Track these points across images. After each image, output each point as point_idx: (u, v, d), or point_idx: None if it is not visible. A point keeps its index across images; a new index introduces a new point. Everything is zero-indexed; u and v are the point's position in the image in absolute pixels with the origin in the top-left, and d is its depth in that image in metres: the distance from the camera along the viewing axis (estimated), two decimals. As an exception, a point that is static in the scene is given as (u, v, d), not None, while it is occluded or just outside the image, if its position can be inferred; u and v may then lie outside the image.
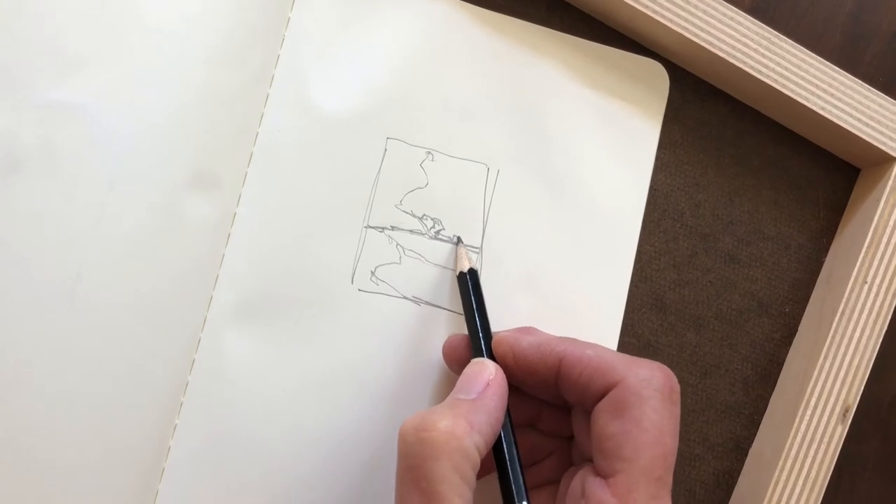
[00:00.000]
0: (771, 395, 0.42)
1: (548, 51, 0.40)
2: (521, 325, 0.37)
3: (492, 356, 0.35)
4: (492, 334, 0.36)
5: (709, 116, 0.42)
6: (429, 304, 0.39)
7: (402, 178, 0.39)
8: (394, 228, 0.39)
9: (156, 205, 0.37)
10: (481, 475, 0.31)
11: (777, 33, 0.39)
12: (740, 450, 0.41)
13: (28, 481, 0.35)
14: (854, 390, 0.39)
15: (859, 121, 0.40)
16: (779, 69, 0.39)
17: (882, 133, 0.40)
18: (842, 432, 0.39)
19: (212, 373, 0.37)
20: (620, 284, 0.40)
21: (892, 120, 0.40)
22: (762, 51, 0.39)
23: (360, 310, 0.38)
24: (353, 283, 0.38)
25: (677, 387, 0.32)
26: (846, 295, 0.39)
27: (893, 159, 0.40)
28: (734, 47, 0.39)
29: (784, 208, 0.42)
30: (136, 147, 0.37)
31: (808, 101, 0.39)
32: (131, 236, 0.36)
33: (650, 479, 0.30)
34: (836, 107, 0.39)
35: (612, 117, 0.41)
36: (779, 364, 0.42)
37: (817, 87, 0.39)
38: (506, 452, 0.33)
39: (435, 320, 0.39)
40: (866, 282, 0.39)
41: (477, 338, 0.36)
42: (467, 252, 0.39)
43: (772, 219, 0.42)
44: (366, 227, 0.39)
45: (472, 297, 0.37)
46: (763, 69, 0.39)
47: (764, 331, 0.42)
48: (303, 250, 0.38)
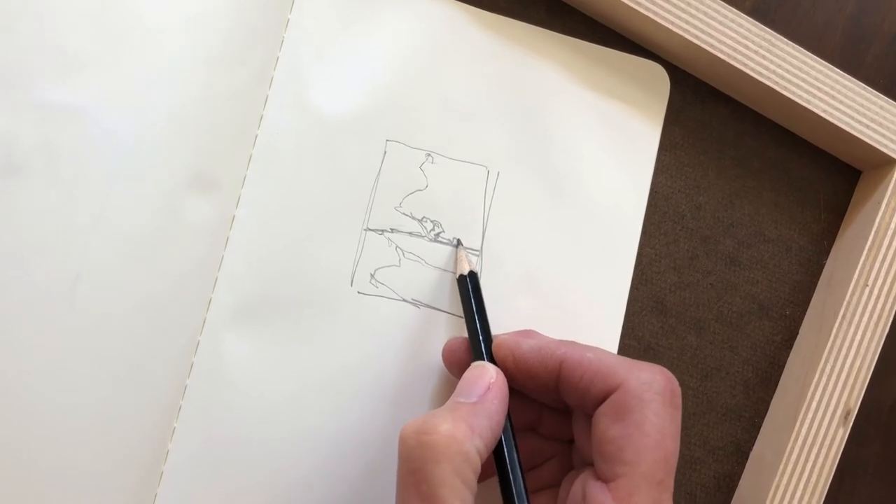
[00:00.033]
0: (772, 398, 0.41)
1: (548, 52, 0.40)
2: (522, 326, 0.37)
3: (492, 359, 0.35)
4: (492, 337, 0.36)
5: (709, 118, 0.42)
6: (428, 306, 0.39)
7: (402, 180, 0.39)
8: (393, 231, 0.39)
9: (155, 206, 0.37)
10: (482, 479, 0.31)
11: (778, 35, 0.39)
12: (741, 453, 0.41)
13: (26, 485, 0.35)
14: (855, 393, 0.39)
15: (860, 123, 0.39)
16: (780, 71, 0.39)
17: (883, 135, 0.40)
18: (843, 436, 0.39)
19: (211, 375, 0.37)
20: (621, 287, 0.40)
21: (894, 122, 0.40)
22: (763, 52, 0.39)
23: (359, 312, 0.38)
24: (352, 285, 0.38)
25: (678, 390, 0.32)
26: (847, 298, 0.39)
27: (895, 161, 0.40)
28: (735, 49, 0.39)
29: (785, 210, 0.42)
30: (136, 148, 0.36)
31: (810, 103, 0.39)
32: (130, 238, 0.36)
33: (652, 482, 0.30)
34: (837, 109, 0.39)
35: (613, 119, 0.41)
36: (780, 367, 0.42)
37: (818, 89, 0.39)
38: (506, 456, 0.33)
39: (434, 323, 0.39)
40: (867, 284, 0.39)
41: (477, 341, 0.36)
42: (467, 255, 0.38)
43: (772, 221, 0.42)
44: (365, 230, 0.39)
45: (472, 300, 0.37)
46: (764, 71, 0.39)
47: (765, 333, 0.42)
48: (302, 253, 0.38)
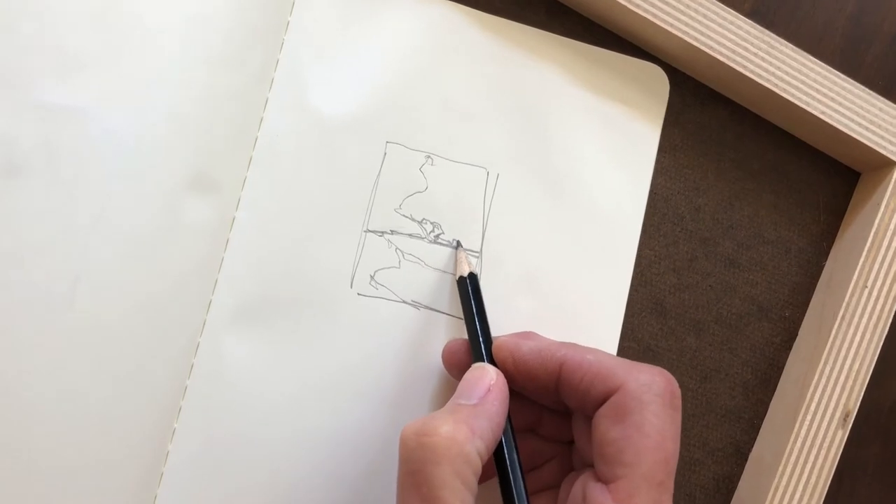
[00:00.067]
0: (771, 400, 0.41)
1: (547, 54, 0.40)
2: (522, 327, 0.37)
3: (492, 361, 0.35)
4: (492, 339, 0.36)
5: (709, 120, 0.42)
6: (428, 308, 0.39)
7: (402, 182, 0.39)
8: (393, 232, 0.39)
9: (155, 207, 0.37)
10: (482, 480, 0.31)
11: (777, 37, 0.39)
12: (740, 454, 0.41)
13: (26, 487, 0.35)
14: (854, 395, 0.39)
15: (859, 125, 0.40)
16: (779, 73, 0.39)
17: (882, 137, 0.40)
18: (842, 437, 0.39)
19: (211, 377, 0.37)
20: (620, 288, 0.40)
21: (893, 124, 0.40)
22: (762, 55, 0.39)
23: (359, 314, 0.38)
24: (352, 287, 0.38)
25: (678, 392, 0.32)
26: (846, 299, 0.39)
27: (894, 163, 0.40)
28: (734, 51, 0.39)
29: (784, 212, 0.42)
30: (136, 148, 0.36)
31: (809, 105, 0.39)
32: (130, 238, 0.36)
33: (652, 484, 0.30)
34: (836, 111, 0.39)
35: (612, 121, 0.41)
36: (779, 368, 0.42)
37: (817, 91, 0.39)
38: (507, 457, 0.33)
39: (434, 325, 0.39)
40: (866, 286, 0.39)
41: (477, 342, 0.36)
42: (467, 256, 0.38)
43: (772, 223, 0.42)
44: (365, 231, 0.39)
45: (472, 302, 0.37)
46: (763, 73, 0.39)
47: (764, 335, 0.42)
48: (302, 254, 0.38)
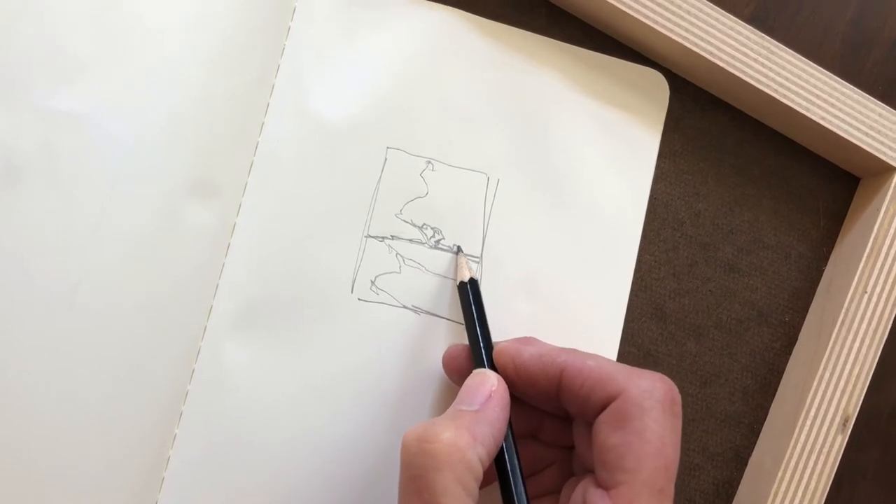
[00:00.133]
0: (771, 405, 0.42)
1: (548, 60, 0.40)
2: (522, 332, 0.37)
3: (493, 367, 0.35)
4: (493, 344, 0.36)
5: (709, 126, 0.42)
6: (429, 313, 0.39)
7: (403, 187, 0.39)
8: (394, 238, 0.39)
9: (156, 212, 0.37)
10: (483, 485, 0.31)
11: (777, 43, 0.39)
12: (740, 459, 0.41)
13: (26, 491, 0.35)
14: (854, 400, 0.39)
15: (859, 130, 0.40)
16: (779, 79, 0.39)
17: (882, 143, 0.40)
18: (842, 442, 0.39)
19: (211, 382, 0.37)
20: (621, 293, 0.40)
21: (892, 130, 0.40)
22: (762, 60, 0.39)
23: (359, 319, 0.38)
24: (352, 292, 0.38)
25: (679, 398, 0.32)
26: (846, 304, 0.39)
27: (893, 169, 0.40)
28: (734, 57, 0.39)
29: (784, 218, 0.42)
30: (136, 150, 0.36)
31: (809, 110, 0.39)
32: (131, 240, 0.36)
33: (652, 490, 0.30)
34: (836, 116, 0.40)
35: (613, 126, 0.41)
36: (779, 373, 0.42)
37: (817, 96, 0.39)
38: (507, 463, 0.33)
39: (435, 330, 0.39)
40: (866, 291, 0.39)
41: (478, 348, 0.36)
42: (467, 261, 0.38)
43: (772, 228, 0.42)
44: (366, 237, 0.39)
45: (473, 307, 0.37)
46: (763, 79, 0.39)
47: (764, 340, 0.42)
48: (303, 259, 0.38)
